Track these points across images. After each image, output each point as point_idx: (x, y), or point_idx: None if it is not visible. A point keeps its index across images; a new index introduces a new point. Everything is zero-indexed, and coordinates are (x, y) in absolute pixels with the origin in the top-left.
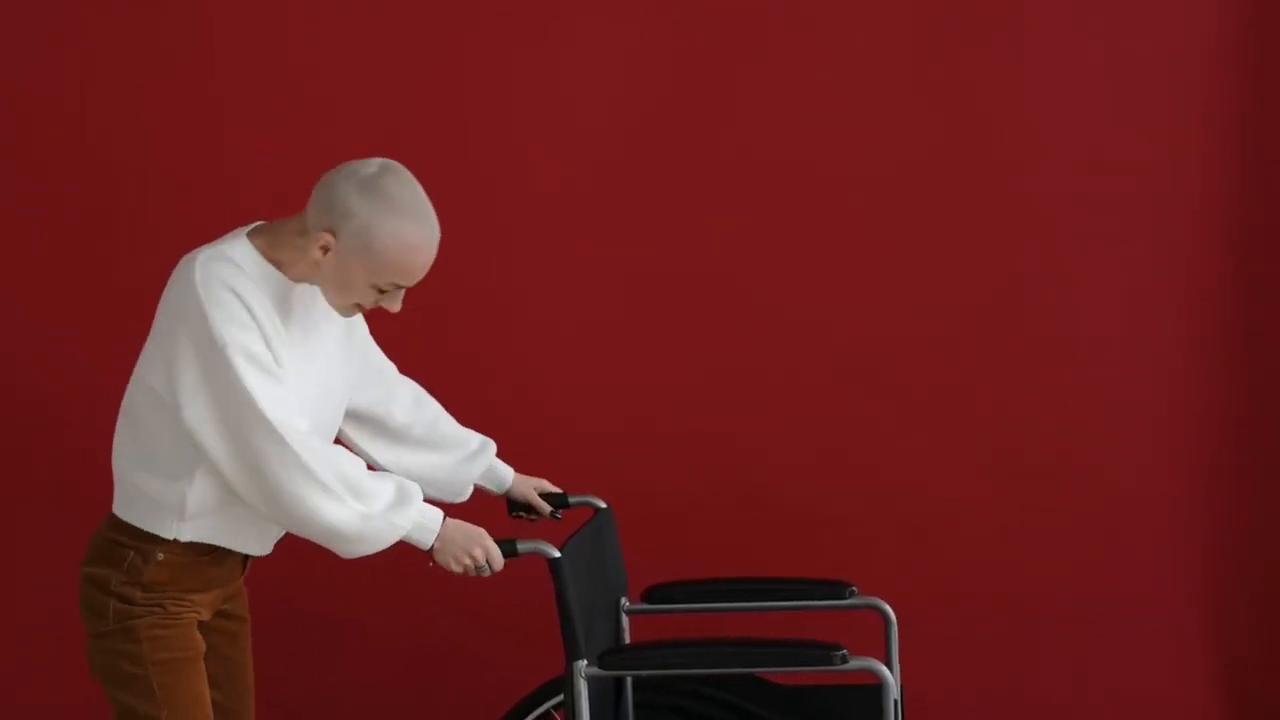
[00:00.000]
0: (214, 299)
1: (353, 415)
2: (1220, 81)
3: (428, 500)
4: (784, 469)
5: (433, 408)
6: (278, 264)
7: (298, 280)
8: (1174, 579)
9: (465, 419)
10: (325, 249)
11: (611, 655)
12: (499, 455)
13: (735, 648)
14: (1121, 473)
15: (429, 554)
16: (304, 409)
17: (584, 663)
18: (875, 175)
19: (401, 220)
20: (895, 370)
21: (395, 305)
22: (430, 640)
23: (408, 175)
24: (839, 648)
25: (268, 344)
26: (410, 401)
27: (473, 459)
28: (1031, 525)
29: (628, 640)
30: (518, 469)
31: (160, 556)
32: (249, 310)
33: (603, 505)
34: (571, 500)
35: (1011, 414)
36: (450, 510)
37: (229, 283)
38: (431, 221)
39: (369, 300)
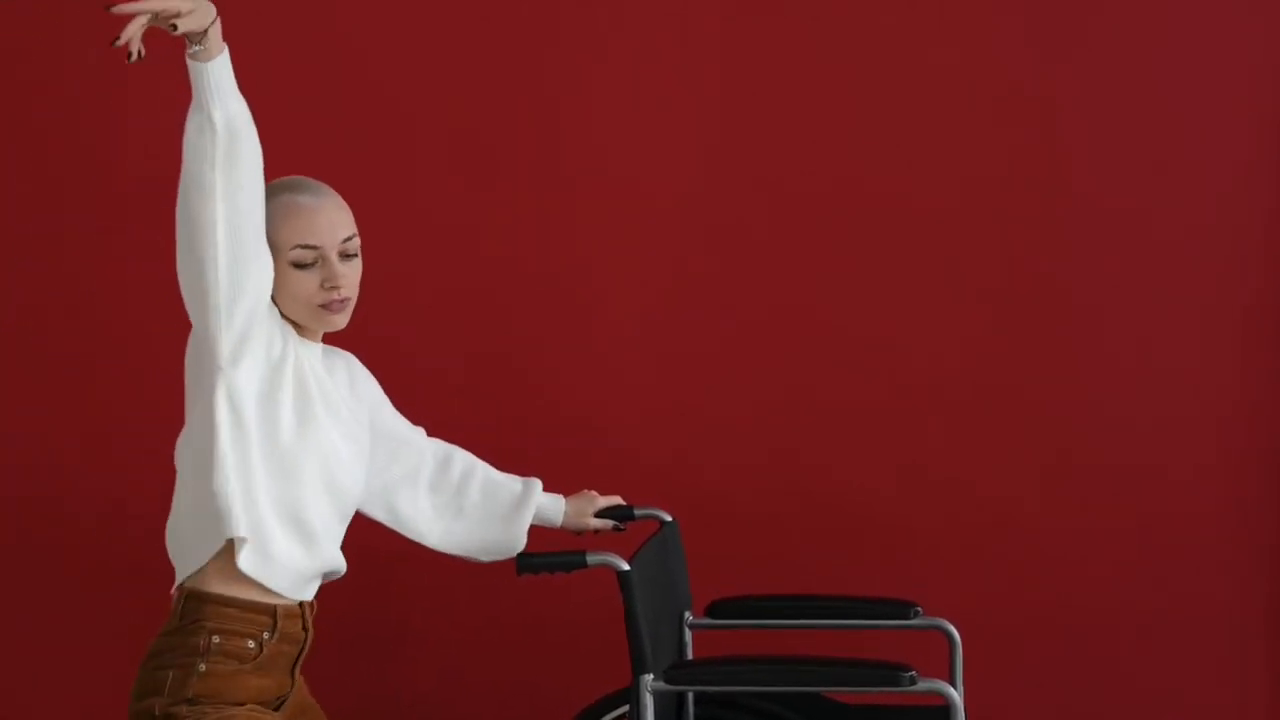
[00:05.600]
0: None
1: (384, 503)
2: None
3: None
4: (849, 485)
5: (459, 466)
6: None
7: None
8: (1251, 597)
9: (531, 434)
10: None
11: (678, 670)
12: (563, 470)
13: (805, 666)
14: (1190, 490)
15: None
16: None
17: (650, 676)
18: (937, 195)
19: (278, 194)
20: (963, 389)
21: (337, 277)
22: (488, 652)
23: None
24: (908, 668)
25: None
26: (435, 466)
27: (517, 511)
28: (1097, 546)
29: (690, 654)
30: (583, 483)
31: (202, 668)
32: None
33: (668, 518)
34: (637, 513)
35: (1080, 433)
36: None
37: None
38: (317, 185)
39: (309, 287)
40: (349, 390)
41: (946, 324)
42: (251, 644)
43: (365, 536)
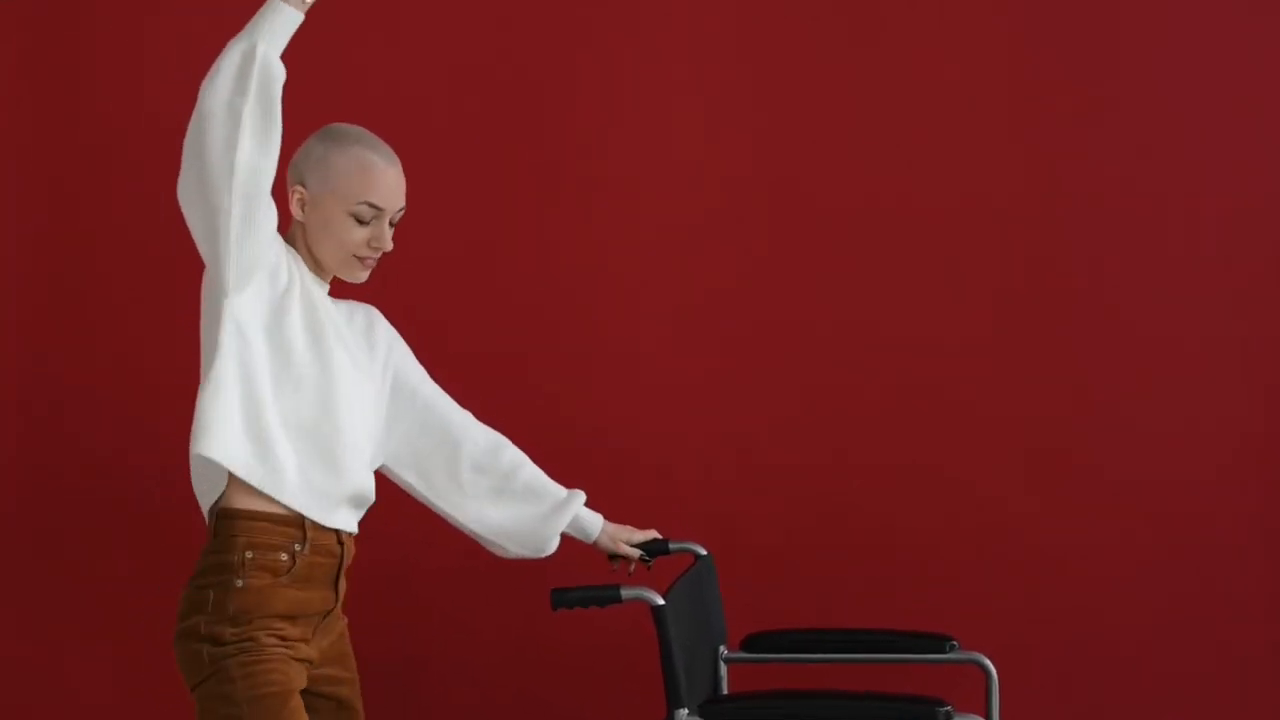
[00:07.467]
0: None
1: (416, 466)
2: None
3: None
4: (884, 519)
5: (510, 456)
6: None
7: (318, 276)
8: None
9: (566, 464)
10: (301, 202)
11: (713, 705)
12: (598, 502)
13: (841, 701)
14: (1233, 519)
15: None
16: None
17: (685, 711)
18: (961, 215)
19: (353, 144)
20: (1003, 423)
21: (385, 239)
22: (518, 685)
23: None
24: (944, 703)
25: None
26: (484, 448)
27: (558, 512)
28: (1138, 580)
29: (725, 689)
30: (618, 515)
31: (239, 583)
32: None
33: (703, 552)
34: (671, 547)
35: (1117, 462)
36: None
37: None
38: (386, 148)
39: (357, 238)
40: (364, 338)
41: (984, 357)
42: (284, 556)
43: (394, 563)
